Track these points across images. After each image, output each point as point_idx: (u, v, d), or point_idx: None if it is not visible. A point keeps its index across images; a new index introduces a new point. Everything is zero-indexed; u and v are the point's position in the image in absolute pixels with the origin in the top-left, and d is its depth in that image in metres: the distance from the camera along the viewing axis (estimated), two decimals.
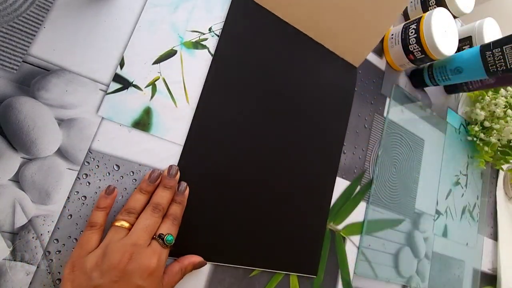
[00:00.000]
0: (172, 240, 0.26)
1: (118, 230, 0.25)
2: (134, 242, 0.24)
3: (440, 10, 0.44)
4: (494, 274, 0.65)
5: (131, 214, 0.26)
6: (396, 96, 0.50)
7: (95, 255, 0.23)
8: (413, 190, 0.50)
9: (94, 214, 0.26)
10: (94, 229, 0.25)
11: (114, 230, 0.25)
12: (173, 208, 0.28)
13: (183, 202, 0.29)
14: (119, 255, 0.23)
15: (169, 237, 0.26)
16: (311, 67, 0.40)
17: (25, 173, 0.24)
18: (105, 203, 0.26)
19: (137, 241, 0.24)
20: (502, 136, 0.56)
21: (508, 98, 0.57)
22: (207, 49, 0.33)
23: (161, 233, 0.26)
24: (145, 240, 0.25)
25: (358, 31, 0.42)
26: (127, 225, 0.25)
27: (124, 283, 0.22)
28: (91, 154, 0.27)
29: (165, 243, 0.26)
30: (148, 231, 0.25)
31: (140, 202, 0.27)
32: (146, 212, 0.26)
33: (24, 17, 0.25)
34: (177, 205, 0.29)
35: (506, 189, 0.70)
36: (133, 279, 0.23)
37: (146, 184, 0.28)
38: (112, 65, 0.28)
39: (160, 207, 0.27)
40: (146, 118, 0.29)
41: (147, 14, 0.30)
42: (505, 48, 0.41)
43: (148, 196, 0.28)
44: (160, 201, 0.27)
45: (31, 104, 0.25)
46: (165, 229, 0.27)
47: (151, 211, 0.26)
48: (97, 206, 0.26)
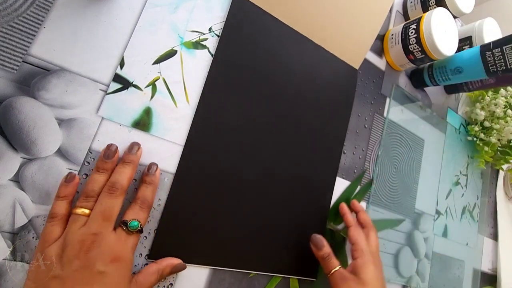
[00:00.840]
0: (137, 226, 0.24)
1: (77, 218, 0.23)
2: (94, 230, 0.23)
3: (440, 10, 0.44)
4: (494, 274, 0.65)
5: (90, 198, 0.24)
6: (396, 96, 0.50)
7: (55, 247, 0.22)
8: (413, 190, 0.50)
9: (54, 204, 0.24)
10: (55, 220, 0.23)
11: (74, 219, 0.23)
12: (142, 190, 0.26)
13: (153, 182, 0.27)
14: (78, 245, 0.22)
15: (133, 223, 0.24)
16: (311, 68, 0.40)
17: (25, 173, 0.24)
18: (66, 191, 0.24)
19: (97, 229, 0.23)
20: (502, 136, 0.56)
21: (508, 98, 0.57)
22: (207, 49, 0.33)
23: (125, 219, 0.24)
24: (106, 226, 0.23)
25: (353, 32, 0.42)
26: (87, 212, 0.24)
27: (85, 271, 0.21)
28: (91, 154, 0.27)
29: (129, 230, 0.24)
30: (106, 215, 0.23)
31: (98, 183, 0.25)
32: (103, 194, 0.24)
33: (24, 17, 0.25)
34: (146, 186, 0.27)
35: (506, 189, 0.70)
36: (95, 266, 0.22)
37: (102, 162, 0.26)
38: (112, 65, 0.28)
39: (118, 185, 0.25)
40: (146, 118, 0.29)
41: (147, 14, 0.30)
42: (505, 48, 0.41)
43: (107, 175, 0.26)
44: (118, 178, 0.25)
45: (31, 104, 0.25)
46: (132, 214, 0.25)
47: (107, 192, 0.24)
48: (57, 195, 0.24)
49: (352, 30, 0.42)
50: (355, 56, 0.43)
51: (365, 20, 0.42)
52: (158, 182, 0.28)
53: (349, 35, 0.42)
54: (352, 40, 0.42)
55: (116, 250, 0.23)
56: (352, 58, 0.43)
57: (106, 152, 0.26)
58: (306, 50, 0.39)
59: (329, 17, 0.40)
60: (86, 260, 0.22)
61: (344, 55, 0.42)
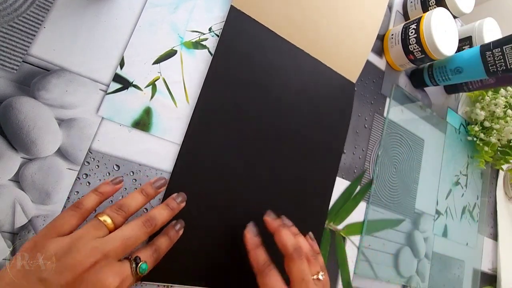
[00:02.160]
0: (145, 270, 0.22)
1: (97, 225, 0.21)
2: (106, 251, 0.20)
3: (440, 10, 0.44)
4: (494, 274, 0.65)
5: (121, 211, 0.23)
6: (396, 96, 0.50)
7: (60, 243, 0.20)
8: (413, 190, 0.50)
9: (87, 195, 0.23)
10: (78, 212, 0.22)
11: (93, 224, 0.21)
12: (161, 240, 0.25)
13: (173, 239, 0.26)
14: (82, 257, 0.19)
15: (144, 265, 0.22)
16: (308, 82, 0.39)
17: (25, 173, 0.24)
18: (105, 189, 0.24)
19: (109, 252, 0.20)
20: (502, 136, 0.56)
21: (508, 98, 0.57)
22: (207, 49, 0.33)
23: (139, 256, 0.22)
24: (118, 254, 0.21)
25: (350, 46, 0.42)
26: (109, 223, 0.22)
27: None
28: (91, 154, 0.27)
29: (137, 270, 0.21)
30: (128, 244, 0.21)
31: (136, 202, 0.24)
32: (137, 222, 0.23)
33: (24, 17, 0.25)
34: (166, 238, 0.25)
35: (506, 189, 0.70)
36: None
37: (150, 187, 0.26)
38: (112, 65, 0.28)
39: (154, 222, 0.23)
40: (146, 118, 0.29)
41: (147, 14, 0.30)
42: (505, 48, 0.41)
43: (147, 200, 0.25)
44: (157, 216, 0.24)
45: (31, 104, 0.25)
46: (144, 255, 0.23)
47: (141, 223, 0.23)
48: (95, 189, 0.23)
49: (348, 43, 0.42)
50: (352, 70, 0.43)
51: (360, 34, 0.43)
52: (175, 241, 0.26)
53: (345, 49, 0.42)
54: (348, 53, 0.42)
55: (112, 286, 0.20)
56: (349, 71, 0.43)
57: (158, 182, 0.26)
58: (303, 63, 0.39)
59: (324, 31, 0.40)
60: (80, 280, 0.19)
61: (341, 68, 0.42)
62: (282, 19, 0.37)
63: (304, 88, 0.39)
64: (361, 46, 0.43)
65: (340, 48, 0.42)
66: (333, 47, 0.41)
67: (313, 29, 0.39)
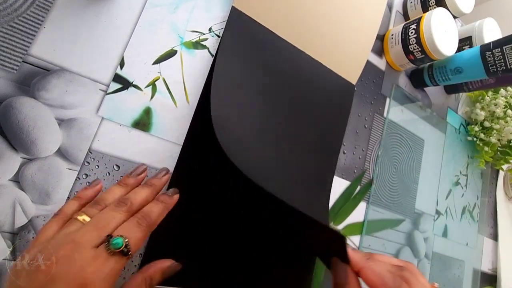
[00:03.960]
0: (121, 244, 0.19)
1: (74, 223, 0.20)
2: (76, 239, 0.19)
3: (440, 10, 0.44)
4: (494, 274, 0.65)
5: (97, 205, 0.22)
6: (396, 96, 0.50)
7: (37, 249, 0.19)
8: (413, 190, 0.50)
9: (67, 203, 0.23)
10: (56, 218, 0.21)
11: (70, 222, 0.21)
12: (149, 206, 0.23)
13: (166, 203, 0.24)
14: (52, 252, 0.18)
15: (116, 240, 0.19)
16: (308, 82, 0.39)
17: (25, 173, 0.24)
18: (83, 193, 0.23)
19: (80, 238, 0.19)
20: (502, 136, 0.56)
21: (508, 98, 0.57)
22: (207, 49, 0.33)
23: (111, 233, 0.20)
24: (91, 239, 0.19)
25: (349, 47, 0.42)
26: (87, 219, 0.21)
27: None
28: (91, 154, 0.27)
29: (110, 247, 0.19)
30: (99, 227, 0.20)
31: (113, 195, 0.23)
32: (109, 206, 0.22)
33: (24, 17, 0.25)
34: (155, 203, 0.23)
35: (506, 189, 0.70)
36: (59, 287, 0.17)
37: (127, 176, 0.25)
38: (112, 65, 0.28)
39: (128, 201, 0.22)
40: (146, 118, 0.29)
41: (147, 14, 0.30)
42: (505, 48, 0.41)
43: (127, 190, 0.24)
44: (132, 195, 0.22)
45: (31, 104, 0.25)
46: (122, 230, 0.20)
47: (113, 205, 0.22)
48: (76, 196, 0.23)
49: (348, 45, 0.42)
50: (352, 71, 0.43)
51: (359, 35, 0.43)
52: (171, 205, 0.25)
53: (345, 50, 0.42)
54: (348, 55, 0.42)
55: (87, 273, 0.18)
56: (349, 73, 0.43)
57: (135, 170, 0.26)
58: (303, 64, 0.39)
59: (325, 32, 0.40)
60: (51, 278, 0.17)
61: (341, 70, 0.42)
62: (283, 20, 0.37)
63: (304, 88, 0.39)
64: (360, 48, 0.43)
65: (341, 50, 0.42)
66: (334, 48, 0.41)
67: (314, 30, 0.39)
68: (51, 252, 0.18)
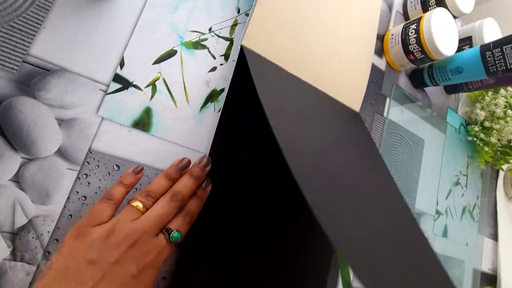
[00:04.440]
0: (178, 238, 0.24)
1: (131, 210, 0.24)
2: (143, 229, 0.23)
3: (440, 10, 0.44)
4: (494, 274, 0.64)
5: (149, 197, 0.25)
6: (396, 96, 0.50)
7: (102, 229, 0.22)
8: (413, 190, 0.50)
9: (115, 188, 0.25)
10: (110, 203, 0.24)
11: (128, 209, 0.24)
12: (190, 203, 0.27)
13: (202, 197, 0.28)
14: (124, 237, 0.22)
15: (175, 234, 0.24)
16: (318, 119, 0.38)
17: (25, 173, 0.24)
18: (129, 180, 0.26)
19: (146, 229, 0.23)
20: (502, 136, 0.56)
21: (508, 98, 0.57)
22: (207, 49, 0.33)
23: (170, 227, 0.24)
24: (154, 230, 0.23)
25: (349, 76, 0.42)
26: (141, 207, 0.24)
27: (120, 267, 0.21)
28: (91, 154, 0.27)
29: (170, 240, 0.24)
30: (160, 220, 0.24)
31: (162, 188, 0.26)
32: (164, 199, 0.25)
33: (24, 17, 0.25)
34: (194, 199, 0.27)
35: (506, 189, 0.70)
36: (130, 266, 0.21)
37: (173, 170, 0.27)
38: (112, 65, 0.28)
39: (180, 196, 0.25)
40: (146, 118, 0.29)
41: (147, 14, 0.30)
42: (505, 48, 0.41)
43: (172, 183, 0.27)
44: (182, 189, 0.26)
45: (31, 104, 0.25)
46: (175, 224, 0.25)
47: (169, 199, 0.25)
48: (120, 181, 0.25)
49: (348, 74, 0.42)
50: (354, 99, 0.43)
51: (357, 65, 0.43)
52: (205, 198, 0.28)
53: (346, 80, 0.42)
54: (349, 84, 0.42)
55: (152, 258, 0.22)
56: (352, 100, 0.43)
57: (180, 164, 0.27)
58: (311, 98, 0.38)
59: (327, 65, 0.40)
60: (125, 256, 0.21)
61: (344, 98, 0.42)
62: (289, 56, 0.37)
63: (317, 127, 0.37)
64: (359, 76, 0.44)
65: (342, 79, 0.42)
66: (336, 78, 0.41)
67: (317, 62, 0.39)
68: (122, 234, 0.22)
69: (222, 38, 0.34)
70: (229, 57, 0.35)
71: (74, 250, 0.21)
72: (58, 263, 0.21)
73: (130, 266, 0.21)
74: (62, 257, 0.21)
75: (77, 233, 0.22)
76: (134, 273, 0.21)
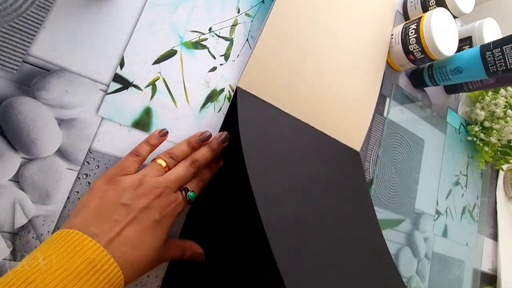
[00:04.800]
0: (193, 197, 0.28)
1: (156, 166, 0.27)
2: (166, 184, 0.26)
3: (440, 10, 0.44)
4: (494, 274, 0.65)
5: (172, 159, 0.28)
6: (396, 96, 0.50)
7: (132, 179, 0.25)
8: (413, 190, 0.50)
9: (142, 145, 0.28)
10: (138, 159, 0.27)
11: (153, 165, 0.27)
12: (204, 172, 0.30)
13: (214, 169, 0.31)
14: (152, 188, 0.25)
15: (192, 194, 0.28)
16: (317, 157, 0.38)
17: (25, 173, 0.24)
18: (154, 141, 0.28)
19: (169, 185, 0.26)
20: (502, 136, 0.56)
21: (508, 98, 0.57)
22: (207, 49, 0.33)
23: (187, 187, 0.28)
24: (175, 186, 0.27)
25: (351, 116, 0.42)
26: (164, 165, 0.27)
27: (147, 212, 0.24)
28: (91, 154, 0.27)
29: (187, 198, 0.27)
30: (180, 180, 0.27)
31: (183, 153, 0.29)
32: (185, 163, 0.28)
33: (24, 17, 0.25)
34: (208, 169, 0.31)
35: (506, 189, 0.70)
36: (155, 213, 0.25)
37: (194, 140, 0.30)
38: (112, 65, 0.28)
39: (198, 163, 0.29)
40: (146, 118, 0.29)
41: (147, 14, 0.30)
42: (505, 48, 0.41)
43: (192, 151, 0.30)
44: (200, 158, 0.29)
45: (31, 104, 0.25)
46: (191, 186, 0.28)
47: (189, 164, 0.28)
48: (147, 140, 0.28)
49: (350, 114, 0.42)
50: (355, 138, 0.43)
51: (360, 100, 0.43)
52: (216, 170, 0.31)
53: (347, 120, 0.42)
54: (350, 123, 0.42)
55: (171, 208, 0.26)
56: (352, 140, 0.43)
57: (203, 135, 0.30)
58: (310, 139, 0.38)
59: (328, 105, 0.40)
60: (151, 204, 0.24)
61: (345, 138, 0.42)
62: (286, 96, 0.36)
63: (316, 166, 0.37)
64: (362, 116, 0.44)
65: (343, 119, 0.42)
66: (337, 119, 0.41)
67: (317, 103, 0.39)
68: (149, 185, 0.25)
69: (222, 38, 0.34)
70: (229, 57, 0.35)
71: (107, 193, 0.24)
72: (93, 203, 0.23)
73: (154, 213, 0.24)
74: (97, 198, 0.24)
75: (109, 179, 0.25)
76: (157, 219, 0.25)
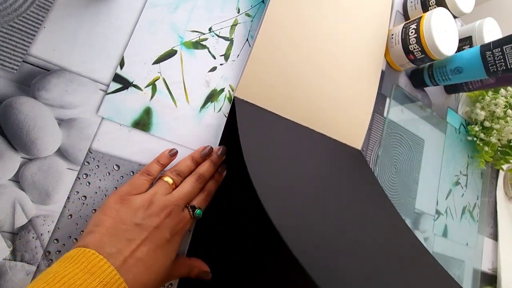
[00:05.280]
0: (200, 214, 0.28)
1: (164, 184, 0.28)
2: (176, 202, 0.27)
3: (440, 10, 0.44)
4: (494, 274, 0.65)
5: (179, 176, 0.29)
6: (396, 96, 0.50)
7: (143, 198, 0.26)
8: (413, 190, 0.50)
9: (153, 165, 0.28)
10: (149, 178, 0.27)
11: (161, 184, 0.28)
12: (210, 184, 0.31)
13: (219, 180, 0.32)
14: (162, 207, 0.26)
15: (198, 212, 0.28)
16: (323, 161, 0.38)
17: (25, 173, 0.24)
18: (164, 160, 0.29)
19: (178, 203, 0.27)
20: (502, 136, 0.56)
21: (508, 98, 0.57)
22: (207, 49, 0.33)
23: (194, 204, 0.28)
24: (183, 204, 0.27)
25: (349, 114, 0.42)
26: (171, 183, 0.28)
27: (159, 231, 0.25)
28: (91, 154, 0.27)
29: (194, 215, 0.28)
30: (188, 197, 0.28)
31: (188, 168, 0.30)
32: (191, 179, 0.29)
33: (24, 17, 0.25)
34: (213, 181, 0.31)
35: (506, 189, 0.70)
36: (165, 232, 0.25)
37: (198, 155, 0.31)
38: (112, 65, 0.28)
39: (203, 178, 0.30)
40: (146, 118, 0.29)
41: (147, 14, 0.30)
42: (505, 48, 0.41)
43: (196, 165, 0.30)
44: (205, 173, 0.30)
45: (31, 104, 0.25)
46: (198, 202, 0.29)
47: (195, 180, 0.29)
48: (157, 160, 0.29)
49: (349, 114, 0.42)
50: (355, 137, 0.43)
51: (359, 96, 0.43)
52: (221, 181, 0.32)
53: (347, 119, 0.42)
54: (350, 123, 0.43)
55: (180, 227, 0.27)
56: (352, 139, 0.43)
57: (206, 150, 0.31)
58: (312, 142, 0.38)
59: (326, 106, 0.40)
60: (163, 223, 0.25)
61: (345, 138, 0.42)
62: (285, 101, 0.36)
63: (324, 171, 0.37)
64: (361, 115, 0.44)
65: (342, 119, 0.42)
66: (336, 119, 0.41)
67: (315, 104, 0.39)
68: (160, 205, 0.26)
69: (222, 38, 0.34)
70: (229, 57, 0.35)
71: (120, 213, 0.24)
72: (107, 222, 0.24)
73: (165, 232, 0.25)
74: (111, 218, 0.24)
75: (121, 199, 0.25)
76: (168, 238, 0.25)
